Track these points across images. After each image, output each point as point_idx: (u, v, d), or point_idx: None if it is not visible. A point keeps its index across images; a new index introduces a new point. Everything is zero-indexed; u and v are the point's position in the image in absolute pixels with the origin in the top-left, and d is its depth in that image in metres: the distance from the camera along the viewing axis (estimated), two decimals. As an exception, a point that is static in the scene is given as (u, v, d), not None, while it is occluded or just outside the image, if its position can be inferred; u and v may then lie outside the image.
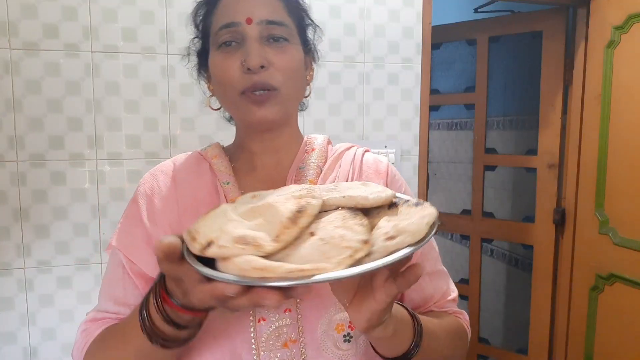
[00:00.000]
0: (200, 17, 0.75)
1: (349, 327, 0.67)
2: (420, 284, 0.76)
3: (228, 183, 0.74)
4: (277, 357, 0.64)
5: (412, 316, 0.63)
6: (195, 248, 0.48)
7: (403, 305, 0.64)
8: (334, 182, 0.73)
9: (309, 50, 0.78)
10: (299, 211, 0.49)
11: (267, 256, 0.46)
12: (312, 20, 0.79)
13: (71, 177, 1.41)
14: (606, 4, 1.85)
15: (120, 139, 1.44)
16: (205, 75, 0.78)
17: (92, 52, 1.39)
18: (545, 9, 2.13)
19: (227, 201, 0.70)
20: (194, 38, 0.78)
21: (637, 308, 1.74)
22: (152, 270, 0.68)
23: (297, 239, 0.48)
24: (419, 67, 1.68)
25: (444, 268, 0.82)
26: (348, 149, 0.79)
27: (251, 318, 0.65)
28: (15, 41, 1.33)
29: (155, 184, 0.75)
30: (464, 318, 0.80)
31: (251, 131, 0.76)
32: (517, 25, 2.28)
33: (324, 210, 0.53)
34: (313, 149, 0.78)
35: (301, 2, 0.77)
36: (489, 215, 2.59)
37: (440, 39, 2.42)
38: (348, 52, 1.61)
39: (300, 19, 0.76)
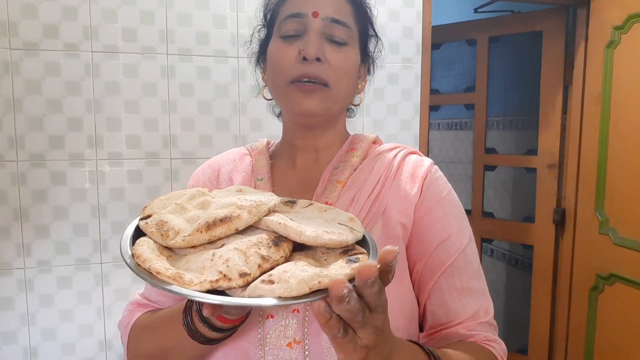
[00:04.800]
0: (272, 6, 0.76)
1: None
2: (445, 299, 0.70)
3: (261, 179, 0.75)
4: (280, 356, 0.65)
5: (429, 354, 0.58)
6: (141, 218, 0.54)
7: (420, 345, 0.59)
8: (364, 183, 0.71)
9: (365, 60, 0.79)
10: (222, 220, 0.49)
11: (170, 247, 0.50)
12: (375, 32, 0.80)
13: (71, 177, 1.41)
14: (606, 4, 1.85)
15: (120, 139, 1.44)
16: (262, 64, 0.79)
17: (92, 52, 1.39)
18: (545, 9, 2.13)
19: None
20: (260, 27, 0.79)
21: (637, 308, 1.74)
22: None
23: (209, 244, 0.50)
24: (419, 67, 1.68)
25: (484, 287, 0.73)
26: (390, 150, 0.77)
27: (260, 313, 0.66)
28: (15, 41, 1.33)
29: (201, 176, 0.79)
30: (500, 348, 0.69)
31: (296, 125, 0.76)
32: (517, 25, 2.28)
33: (259, 227, 0.53)
34: (354, 149, 0.77)
35: (369, 12, 0.78)
36: (489, 215, 2.59)
37: (440, 39, 2.42)
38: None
39: (365, 27, 0.77)
